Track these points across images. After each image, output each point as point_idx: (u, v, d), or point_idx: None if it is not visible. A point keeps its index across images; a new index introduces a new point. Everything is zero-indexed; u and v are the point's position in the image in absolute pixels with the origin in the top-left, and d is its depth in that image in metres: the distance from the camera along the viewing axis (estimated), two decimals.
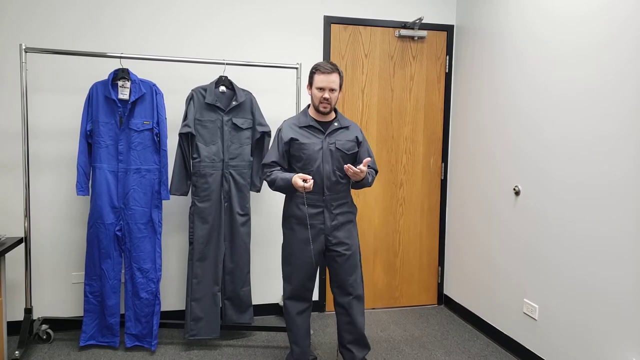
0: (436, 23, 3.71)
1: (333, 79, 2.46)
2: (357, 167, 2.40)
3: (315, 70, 2.49)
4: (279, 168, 2.56)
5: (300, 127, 2.54)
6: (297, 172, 2.50)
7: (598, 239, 2.40)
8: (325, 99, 2.46)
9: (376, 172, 2.70)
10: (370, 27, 3.62)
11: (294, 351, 2.68)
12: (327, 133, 2.54)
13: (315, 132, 2.53)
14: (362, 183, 2.56)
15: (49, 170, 3.14)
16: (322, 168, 2.49)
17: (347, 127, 2.60)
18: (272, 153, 2.58)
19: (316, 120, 2.55)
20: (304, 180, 2.35)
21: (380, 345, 3.14)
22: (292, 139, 2.51)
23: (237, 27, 3.38)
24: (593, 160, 2.43)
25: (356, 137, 2.59)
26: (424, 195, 3.82)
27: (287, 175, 2.45)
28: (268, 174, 2.55)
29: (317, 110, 2.53)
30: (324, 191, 2.51)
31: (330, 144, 2.52)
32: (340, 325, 2.67)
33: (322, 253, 2.60)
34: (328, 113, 2.53)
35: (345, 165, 2.41)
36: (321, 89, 2.46)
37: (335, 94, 2.49)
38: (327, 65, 2.47)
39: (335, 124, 2.57)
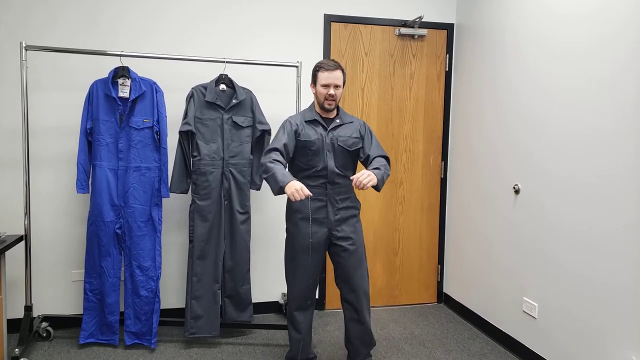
0: (436, 21, 3.71)
1: (337, 76, 2.49)
2: (357, 178, 2.30)
3: (318, 68, 2.51)
4: (281, 159, 2.40)
5: (306, 121, 2.56)
6: (301, 168, 2.54)
7: (598, 236, 2.41)
8: (330, 95, 2.48)
9: (387, 159, 2.58)
10: (371, 26, 3.62)
11: (293, 349, 2.68)
12: (329, 129, 2.56)
13: (319, 127, 2.56)
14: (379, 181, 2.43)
15: (49, 168, 3.15)
16: (327, 163, 2.52)
17: (350, 123, 2.61)
18: (280, 137, 2.46)
19: (320, 116, 2.58)
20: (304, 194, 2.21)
21: (380, 343, 3.14)
22: (298, 130, 2.51)
23: (238, 25, 3.38)
24: (593, 157, 2.43)
25: (359, 133, 2.59)
26: (423, 193, 3.82)
27: (285, 176, 2.28)
28: (271, 159, 2.37)
29: (322, 107, 2.55)
30: (327, 186, 2.53)
31: (333, 139, 2.54)
32: (347, 320, 2.68)
33: (325, 249, 2.61)
34: (333, 110, 2.56)
35: (353, 179, 2.32)
36: (326, 85, 2.48)
37: (340, 90, 2.52)
38: (330, 63, 2.50)
39: (337, 120, 2.59)
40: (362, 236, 2.65)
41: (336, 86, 2.49)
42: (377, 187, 2.43)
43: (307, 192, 2.22)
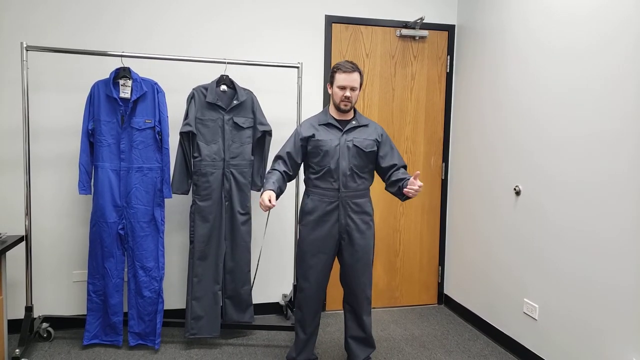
0: (437, 23, 3.72)
1: (354, 78, 2.50)
2: (412, 187, 2.38)
3: (336, 69, 2.53)
4: (284, 168, 2.55)
5: (320, 125, 2.59)
6: (313, 169, 2.55)
7: (598, 238, 2.41)
8: (346, 97, 2.50)
9: (405, 167, 2.66)
10: (372, 27, 3.62)
11: (296, 349, 2.69)
12: (345, 130, 2.56)
13: (334, 130, 2.57)
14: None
15: (50, 169, 3.14)
16: (339, 165, 2.52)
17: (366, 126, 2.62)
18: (287, 144, 2.60)
19: (335, 119, 2.59)
20: (269, 200, 2.32)
21: (380, 344, 3.15)
22: (310, 136, 2.55)
23: (239, 26, 3.38)
24: (593, 158, 2.44)
25: (375, 138, 2.60)
26: (424, 194, 3.83)
27: (268, 184, 2.44)
28: (271, 168, 2.58)
29: (337, 108, 2.57)
30: (339, 188, 2.53)
31: (348, 141, 2.55)
32: (348, 323, 2.70)
33: (335, 252, 2.62)
34: (348, 111, 2.57)
35: (405, 190, 2.40)
36: (342, 87, 2.50)
37: (356, 92, 2.54)
38: (348, 65, 2.51)
39: (354, 122, 2.60)
40: (373, 243, 2.65)
41: (352, 88, 2.51)
42: (406, 197, 2.49)
43: (267, 203, 2.29)
